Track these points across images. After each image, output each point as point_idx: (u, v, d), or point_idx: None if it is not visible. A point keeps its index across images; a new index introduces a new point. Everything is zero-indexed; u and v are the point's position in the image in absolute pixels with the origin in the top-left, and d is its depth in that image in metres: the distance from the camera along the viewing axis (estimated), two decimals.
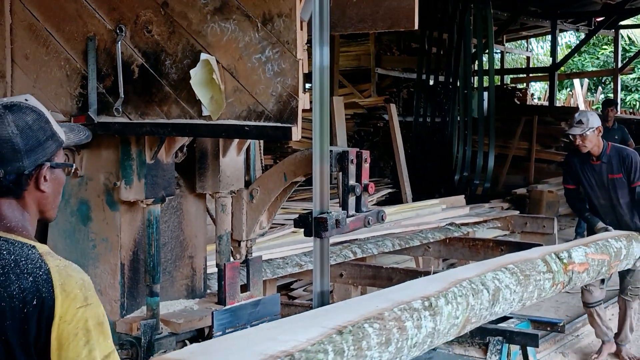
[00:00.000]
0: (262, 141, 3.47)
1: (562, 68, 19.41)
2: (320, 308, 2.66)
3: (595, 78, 24.95)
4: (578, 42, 19.36)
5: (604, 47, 25.13)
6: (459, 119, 12.58)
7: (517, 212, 9.20)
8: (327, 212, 2.77)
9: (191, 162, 3.16)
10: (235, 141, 3.08)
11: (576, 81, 22.78)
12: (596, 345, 6.52)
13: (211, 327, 2.87)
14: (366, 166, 2.94)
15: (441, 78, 13.37)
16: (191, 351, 2.01)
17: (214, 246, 3.20)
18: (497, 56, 18.98)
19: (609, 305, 6.48)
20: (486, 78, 12.76)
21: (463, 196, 9.41)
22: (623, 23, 18.81)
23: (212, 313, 2.83)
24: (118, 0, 2.75)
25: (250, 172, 3.28)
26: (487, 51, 12.78)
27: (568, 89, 25.20)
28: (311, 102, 2.66)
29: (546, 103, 18.54)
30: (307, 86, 2.66)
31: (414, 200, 9.39)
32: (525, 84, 21.06)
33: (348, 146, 9.28)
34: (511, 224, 8.35)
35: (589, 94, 24.63)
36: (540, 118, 14.16)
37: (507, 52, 21.31)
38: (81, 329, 1.62)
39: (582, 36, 18.72)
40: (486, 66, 12.76)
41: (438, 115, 13.17)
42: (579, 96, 22.19)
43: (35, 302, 1.62)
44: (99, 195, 3.01)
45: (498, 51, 19.03)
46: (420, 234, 6.61)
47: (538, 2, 15.14)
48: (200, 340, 3.00)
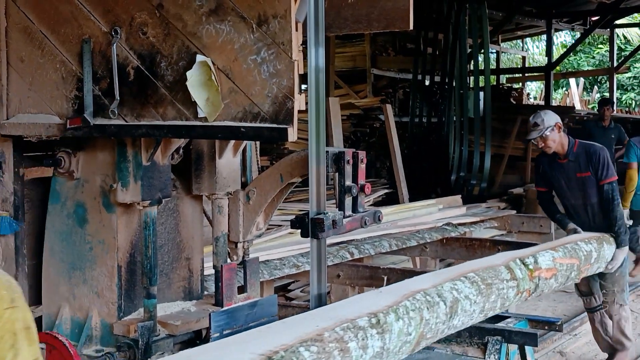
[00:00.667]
0: (259, 142, 3.46)
1: (558, 67, 19.41)
2: (256, 329, 2.46)
3: (591, 77, 25.00)
4: (573, 42, 19.40)
5: (600, 47, 25.19)
6: (455, 119, 12.58)
7: (514, 212, 9.22)
8: (324, 213, 2.77)
9: (187, 164, 3.16)
10: (231, 142, 3.08)
11: (572, 80, 22.81)
12: (594, 344, 6.53)
13: (208, 329, 2.87)
14: (362, 167, 2.94)
15: (437, 78, 13.37)
16: None
17: (211, 248, 3.20)
18: (493, 56, 18.97)
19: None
20: (482, 78, 12.76)
21: (460, 196, 9.42)
22: (618, 22, 18.84)
23: (210, 315, 2.83)
24: (113, 2, 2.75)
25: (246, 174, 3.28)
26: (483, 51, 12.78)
27: (564, 89, 25.23)
28: (307, 103, 2.66)
29: (542, 102, 18.57)
30: (303, 87, 2.66)
31: (411, 200, 9.39)
32: (521, 84, 21.07)
33: (344, 147, 9.29)
34: (508, 224, 8.37)
35: (585, 93, 24.67)
36: None
37: (503, 52, 21.32)
38: (7, 332, 1.54)
39: (578, 35, 18.76)
40: (482, 66, 12.77)
41: (434, 115, 13.17)
42: (575, 95, 22.23)
43: None
44: (95, 197, 3.01)
45: (493, 51, 19.04)
46: (417, 234, 6.62)
47: (533, 2, 15.15)
48: (198, 342, 3.00)
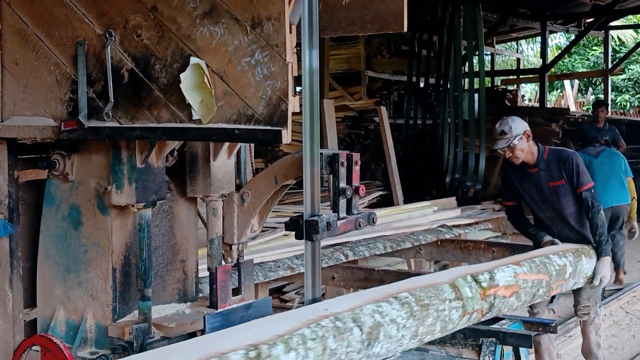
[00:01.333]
0: (253, 144, 3.46)
1: (553, 69, 19.49)
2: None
3: (585, 79, 25.07)
4: (568, 43, 19.47)
5: (594, 48, 25.27)
6: (450, 121, 12.60)
7: None
8: (318, 215, 2.78)
9: (182, 166, 3.16)
10: (225, 145, 3.08)
11: (567, 82, 22.87)
12: None
13: (203, 331, 2.87)
14: (357, 169, 2.95)
15: (432, 80, 13.40)
16: None
17: (206, 250, 3.20)
18: (487, 58, 19.03)
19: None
20: (476, 80, 12.79)
21: (454, 198, 9.44)
22: (613, 24, 18.92)
23: (204, 317, 2.83)
24: (107, 4, 2.75)
25: (241, 176, 3.28)
26: (477, 53, 12.81)
27: (559, 90, 25.30)
28: (301, 105, 2.67)
29: (537, 104, 18.62)
30: (298, 89, 2.67)
31: (405, 202, 9.41)
32: (515, 86, 21.13)
33: (339, 149, 9.29)
34: (503, 226, 8.39)
35: (580, 95, 24.73)
36: (530, 119, 14.15)
37: (497, 54, 21.37)
38: None
39: (572, 37, 18.81)
40: (476, 68, 12.79)
41: (429, 117, 13.19)
42: (570, 97, 22.28)
43: None
44: (90, 200, 3.00)
45: (488, 53, 19.09)
46: (411, 236, 6.63)
47: (527, 4, 15.20)
48: None
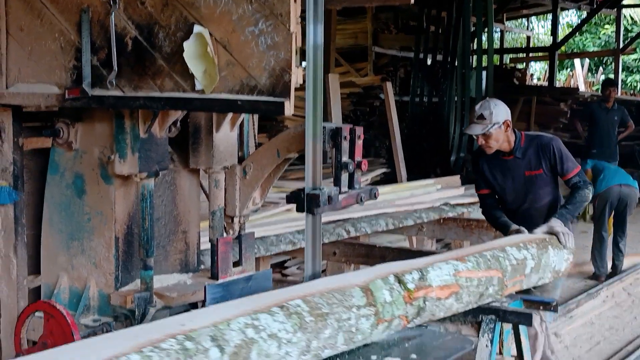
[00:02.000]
0: (257, 118, 3.46)
1: (563, 48, 19.33)
2: None
3: (596, 58, 24.90)
4: (579, 22, 19.31)
5: (606, 27, 25.05)
6: (457, 99, 12.55)
7: None
8: (320, 189, 2.78)
9: (185, 137, 3.17)
10: (228, 116, 3.08)
11: (577, 61, 22.74)
12: (589, 326, 6.58)
13: (204, 301, 2.89)
14: (359, 143, 2.95)
15: (439, 57, 13.33)
16: None
17: (208, 222, 3.22)
18: (497, 35, 18.92)
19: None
20: (485, 57, 12.72)
21: (459, 176, 9.41)
22: (625, 2, 18.74)
23: (205, 287, 2.85)
24: None
25: (243, 148, 3.28)
26: (487, 30, 12.72)
27: (568, 70, 25.15)
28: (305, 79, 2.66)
29: (546, 83, 18.52)
30: (303, 65, 2.65)
31: (409, 180, 9.40)
32: (524, 64, 20.99)
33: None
34: None
35: (590, 75, 24.59)
36: (539, 98, 14.16)
37: (507, 31, 21.24)
38: None
39: (584, 15, 18.65)
40: (485, 45, 12.71)
41: (435, 94, 13.15)
42: (579, 77, 22.16)
43: None
44: (94, 168, 3.02)
45: (498, 30, 18.96)
46: (414, 214, 6.63)
47: None
48: None
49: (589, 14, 17.21)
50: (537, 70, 25.85)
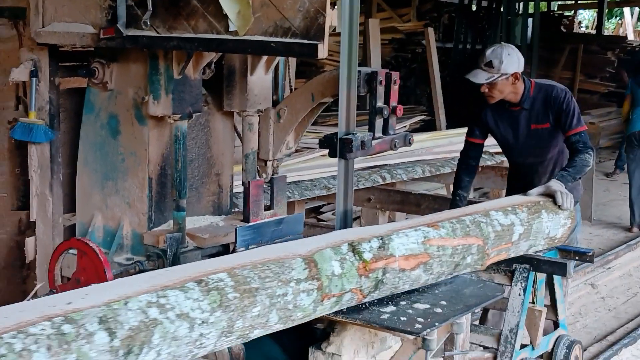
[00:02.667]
0: (293, 62, 3.42)
1: None
2: None
3: None
4: None
5: None
6: None
7: None
8: (353, 134, 2.76)
9: (219, 80, 3.16)
10: (263, 59, 3.05)
11: (626, 9, 22.03)
12: (627, 278, 6.52)
13: (235, 243, 2.91)
14: (395, 88, 2.90)
15: (484, 3, 13.05)
16: None
17: (241, 166, 3.22)
18: None
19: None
20: (531, 4, 12.41)
21: None
22: None
23: (236, 229, 2.87)
24: None
25: (278, 92, 3.26)
26: None
27: (617, 18, 24.43)
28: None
29: (594, 32, 18.05)
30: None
31: (449, 128, 9.30)
32: (572, 11, 20.42)
33: None
34: None
35: (639, 23, 23.86)
36: (585, 47, 13.83)
37: None
38: None
39: None
40: None
41: (479, 42, 12.91)
42: (629, 25, 21.52)
43: None
44: (128, 109, 3.03)
45: None
46: (452, 162, 6.56)
47: None
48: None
49: None
50: (586, 18, 25.15)
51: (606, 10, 17.31)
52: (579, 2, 20.53)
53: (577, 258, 3.78)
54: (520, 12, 12.70)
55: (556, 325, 3.75)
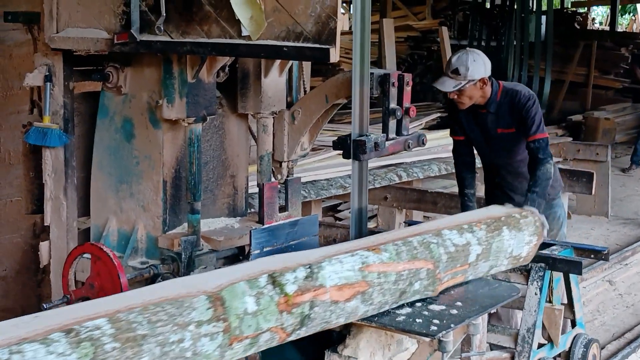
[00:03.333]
0: (308, 64, 3.43)
1: None
2: None
3: None
4: None
5: None
6: (515, 43, 12.26)
7: (570, 139, 9.04)
8: (366, 135, 2.76)
9: (233, 82, 3.16)
10: (276, 62, 3.06)
11: (639, 6, 21.91)
12: None
13: (249, 246, 2.91)
14: (408, 89, 2.90)
15: (498, 1, 13.02)
16: None
17: (256, 167, 3.23)
18: None
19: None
20: (545, 1, 12.35)
21: None
22: None
23: (250, 231, 2.87)
24: None
25: (292, 94, 3.27)
26: None
27: (631, 14, 24.27)
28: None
29: (607, 28, 17.94)
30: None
31: None
32: (586, 8, 20.31)
33: (400, 69, 9.13)
34: (563, 151, 8.17)
35: None
36: (599, 43, 13.74)
37: None
38: None
39: None
40: None
41: (494, 39, 12.87)
42: None
43: None
44: (142, 113, 3.04)
45: None
46: None
47: None
48: (241, 258, 3.05)
49: None
50: (599, 14, 25.00)
51: (619, 6, 17.21)
52: None
53: (593, 256, 3.79)
54: (534, 9, 12.63)
55: (573, 323, 3.74)
